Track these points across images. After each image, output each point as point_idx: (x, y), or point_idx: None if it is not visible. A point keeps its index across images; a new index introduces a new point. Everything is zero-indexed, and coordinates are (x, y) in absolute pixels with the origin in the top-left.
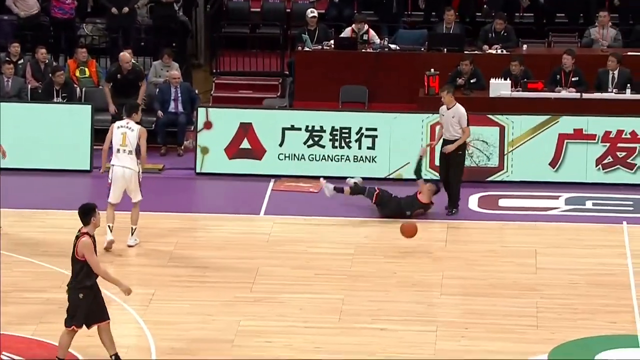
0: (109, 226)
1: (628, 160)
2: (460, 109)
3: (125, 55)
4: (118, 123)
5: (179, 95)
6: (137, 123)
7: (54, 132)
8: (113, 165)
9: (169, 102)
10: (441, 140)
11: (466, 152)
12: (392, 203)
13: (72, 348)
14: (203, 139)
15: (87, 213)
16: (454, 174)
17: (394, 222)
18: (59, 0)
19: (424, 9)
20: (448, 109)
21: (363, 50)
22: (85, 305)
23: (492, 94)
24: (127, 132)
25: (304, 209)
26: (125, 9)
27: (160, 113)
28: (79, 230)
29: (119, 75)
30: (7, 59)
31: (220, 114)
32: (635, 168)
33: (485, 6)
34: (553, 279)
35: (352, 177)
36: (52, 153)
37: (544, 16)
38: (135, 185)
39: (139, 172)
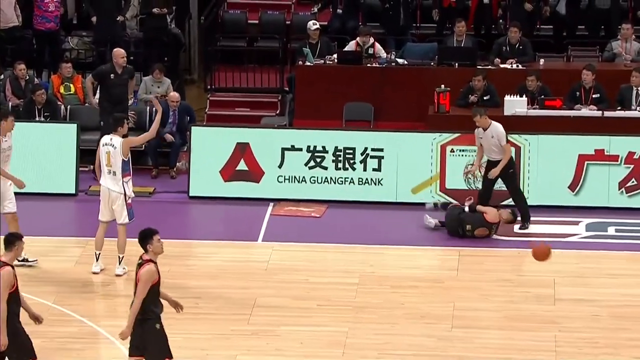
0: (96, 254)
1: None
2: (498, 127)
3: (120, 50)
4: (103, 140)
5: (177, 118)
6: (123, 136)
7: (36, 153)
8: (101, 184)
9: (165, 124)
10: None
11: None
12: (454, 210)
13: None
14: (196, 160)
15: (143, 239)
16: (513, 192)
17: (400, 249)
18: (41, 8)
19: (438, 21)
20: (484, 130)
21: (368, 65)
22: (163, 333)
23: (506, 112)
24: (110, 151)
25: (305, 235)
26: (120, 18)
27: (169, 136)
28: (140, 257)
29: (112, 75)
30: None
31: (215, 133)
32: None
33: (500, 20)
34: (573, 310)
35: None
36: (35, 175)
37: (562, 29)
38: (120, 207)
39: (124, 193)
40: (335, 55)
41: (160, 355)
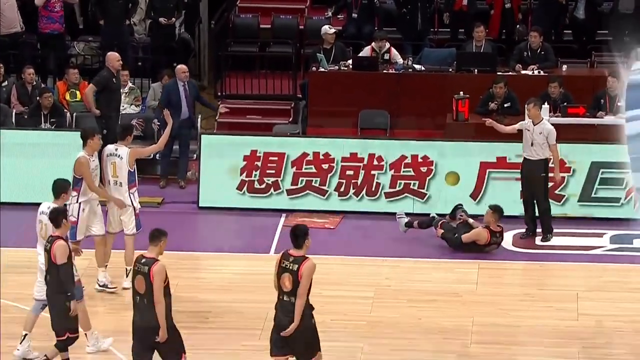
0: (105, 266)
1: None
2: (548, 125)
3: (114, 54)
4: (107, 150)
5: (188, 92)
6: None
7: (41, 162)
8: None
9: (179, 106)
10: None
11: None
12: (449, 224)
13: None
14: (206, 170)
15: (301, 235)
16: (539, 197)
17: (418, 262)
18: (47, 9)
19: (449, 25)
20: (534, 124)
21: (384, 71)
22: (316, 329)
23: None
24: (116, 162)
25: (319, 247)
26: (127, 21)
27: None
28: (288, 255)
29: (114, 80)
30: None
31: (226, 141)
32: None
33: (517, 25)
34: (596, 325)
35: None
36: (40, 185)
37: (585, 33)
38: (128, 217)
39: (133, 204)
40: (350, 61)
41: (313, 351)
